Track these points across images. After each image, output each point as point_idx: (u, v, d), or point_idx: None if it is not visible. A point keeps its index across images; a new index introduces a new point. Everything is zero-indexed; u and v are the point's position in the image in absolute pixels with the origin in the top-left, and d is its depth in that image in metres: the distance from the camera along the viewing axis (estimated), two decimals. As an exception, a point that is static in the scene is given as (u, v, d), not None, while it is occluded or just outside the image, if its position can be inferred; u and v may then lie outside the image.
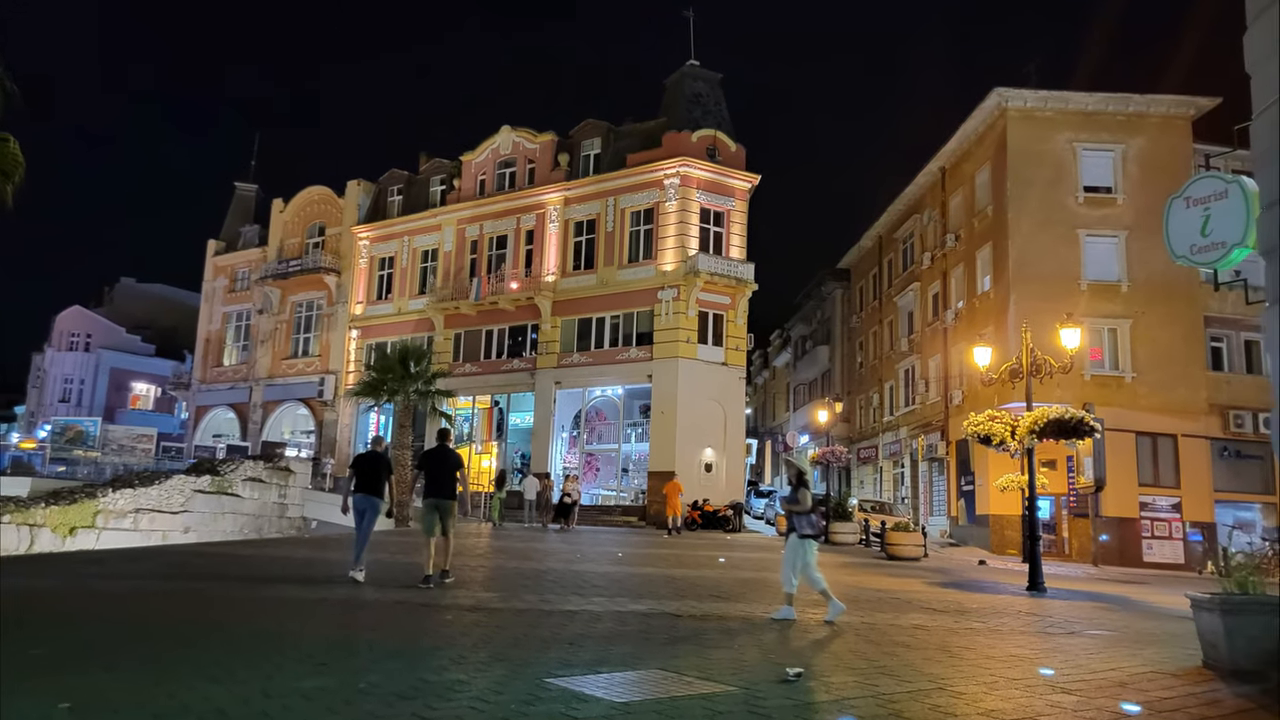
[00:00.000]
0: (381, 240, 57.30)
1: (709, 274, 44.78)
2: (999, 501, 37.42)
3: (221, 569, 18.51)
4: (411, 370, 38.61)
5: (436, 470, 16.71)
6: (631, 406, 48.29)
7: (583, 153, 50.61)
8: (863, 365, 59.91)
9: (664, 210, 46.40)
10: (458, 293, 51.70)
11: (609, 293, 47.30)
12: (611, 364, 46.75)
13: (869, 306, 59.00)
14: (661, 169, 46.59)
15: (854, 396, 60.38)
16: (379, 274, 57.31)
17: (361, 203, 59.03)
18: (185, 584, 16.04)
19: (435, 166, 56.86)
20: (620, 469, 47.95)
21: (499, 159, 53.15)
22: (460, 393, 48.22)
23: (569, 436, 49.92)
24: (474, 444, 50.80)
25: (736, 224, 47.01)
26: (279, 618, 12.70)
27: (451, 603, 14.39)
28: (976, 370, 29.34)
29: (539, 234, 50.39)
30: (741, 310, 46.14)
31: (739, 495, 45.55)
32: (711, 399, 45.15)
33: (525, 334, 50.54)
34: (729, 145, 47.42)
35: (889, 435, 53.38)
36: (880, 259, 56.91)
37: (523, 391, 50.29)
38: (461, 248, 53.23)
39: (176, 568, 18.62)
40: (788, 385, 78.25)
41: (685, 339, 44.92)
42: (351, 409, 55.56)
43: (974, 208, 43.26)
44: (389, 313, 55.78)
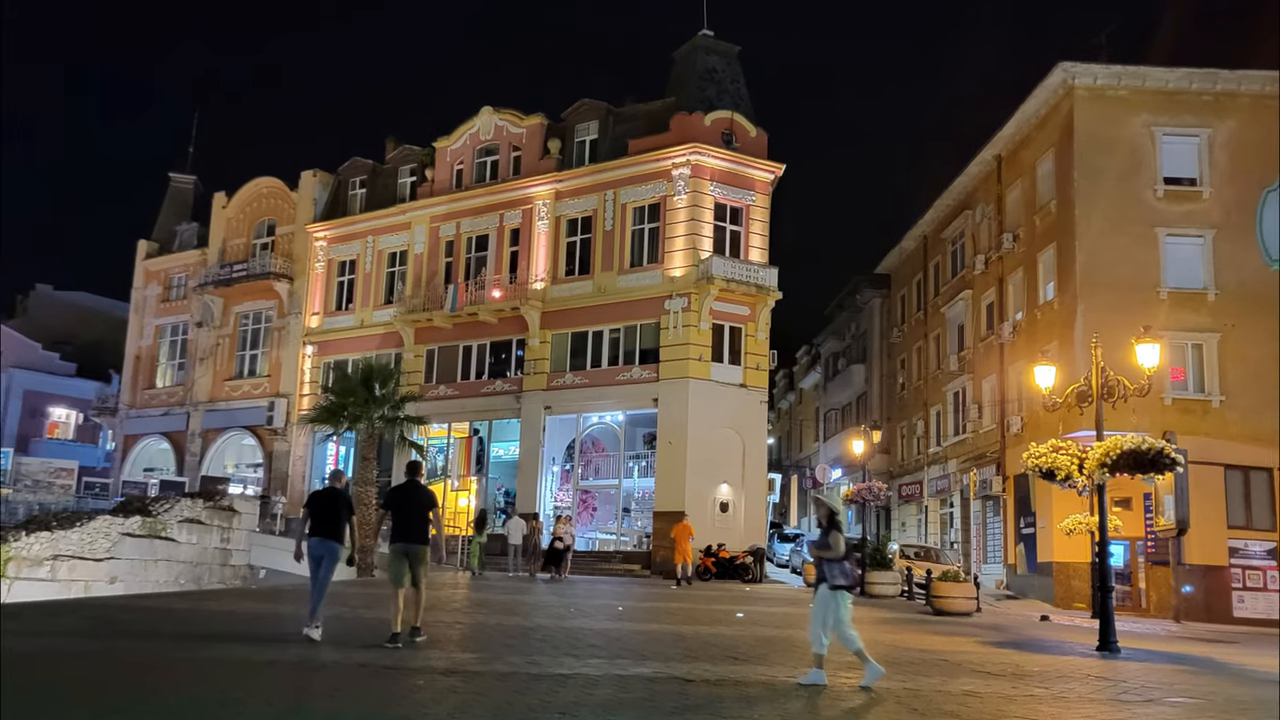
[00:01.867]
0: (341, 241, 57.52)
1: (725, 280, 44.92)
2: (1064, 547, 37.39)
3: (154, 625, 18.53)
4: (376, 393, 38.63)
5: (406, 510, 16.73)
6: (634, 435, 48.33)
7: (576, 138, 50.84)
8: (905, 387, 59.97)
9: (672, 205, 46.57)
10: (430, 302, 51.87)
11: (607, 302, 47.43)
12: (610, 385, 46.84)
13: (912, 318, 59.11)
14: (669, 157, 46.78)
15: (894, 424, 60.42)
16: (338, 280, 57.54)
17: (318, 196, 59.31)
18: (111, 643, 16.05)
19: (404, 154, 57.13)
20: (621, 509, 47.98)
21: (479, 145, 53.38)
22: (434, 419, 48.29)
23: (561, 470, 49.96)
24: (449, 479, 50.84)
25: (757, 222, 47.16)
26: (222, 683, 12.71)
27: (423, 665, 14.39)
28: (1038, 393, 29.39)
29: (525, 233, 50.57)
30: (763, 323, 46.26)
31: (760, 539, 45.55)
32: (728, 427, 45.21)
33: (509, 350, 50.64)
34: (748, 130, 47.62)
35: (935, 469, 53.39)
36: (925, 263, 57.04)
37: (507, 418, 50.36)
38: (435, 249, 53.43)
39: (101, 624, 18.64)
40: (817, 410, 78.24)
41: (697, 356, 45.02)
42: (306, 439, 55.67)
43: (1035, 203, 43.37)
44: (350, 326, 55.96)
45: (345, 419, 38.87)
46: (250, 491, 53.90)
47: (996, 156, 47.39)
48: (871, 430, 46.20)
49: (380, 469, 41.07)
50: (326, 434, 46.59)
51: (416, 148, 56.79)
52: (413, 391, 45.09)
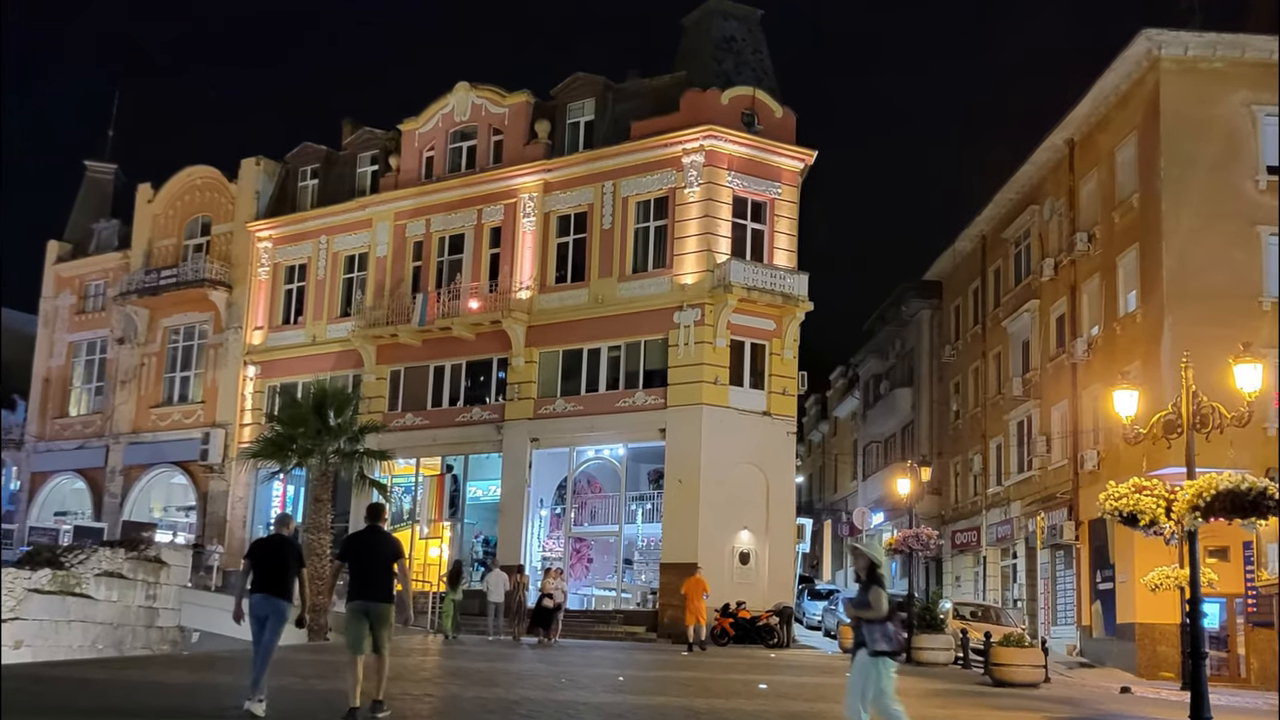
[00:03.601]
0: (290, 241, 57.68)
1: (745, 288, 44.99)
2: (1149, 605, 37.32)
3: (67, 699, 18.54)
4: (331, 422, 38.61)
5: (366, 561, 16.76)
6: (637, 473, 48.34)
7: (569, 119, 50.98)
8: (959, 415, 59.96)
9: (682, 199, 46.68)
10: (395, 315, 51.94)
11: (606, 314, 47.52)
12: (609, 414, 46.87)
13: (968, 334, 59.16)
14: (679, 142, 46.92)
15: (947, 459, 60.41)
16: (286, 288, 57.68)
17: (262, 189, 59.48)
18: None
19: (364, 139, 57.28)
20: (622, 560, 47.95)
21: (453, 128, 53.55)
22: (399, 454, 48.19)
23: (550, 514, 49.95)
24: (418, 525, 50.83)
25: (784, 219, 47.26)
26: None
27: (387, 745, 14.38)
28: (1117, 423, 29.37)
29: (508, 232, 50.70)
30: (790, 339, 46.32)
31: (787, 597, 45.47)
32: (749, 463, 45.23)
33: (489, 372, 50.69)
34: (773, 110, 47.76)
35: (995, 513, 53.36)
36: (983, 268, 57.11)
37: (486, 452, 50.38)
38: (401, 252, 53.55)
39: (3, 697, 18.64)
40: (855, 443, 78.15)
41: (712, 379, 45.08)
42: (248, 477, 55.64)
43: (1114, 196, 43.44)
44: (300, 342, 56.09)
45: (294, 453, 38.80)
46: (181, 540, 53.80)
47: (1068, 142, 47.48)
48: (919, 467, 46.15)
49: (336, 513, 41.00)
50: (272, 471, 46.35)
51: (379, 131, 56.88)
52: (374, 421, 45.04)
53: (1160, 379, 37.28)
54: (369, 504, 17.86)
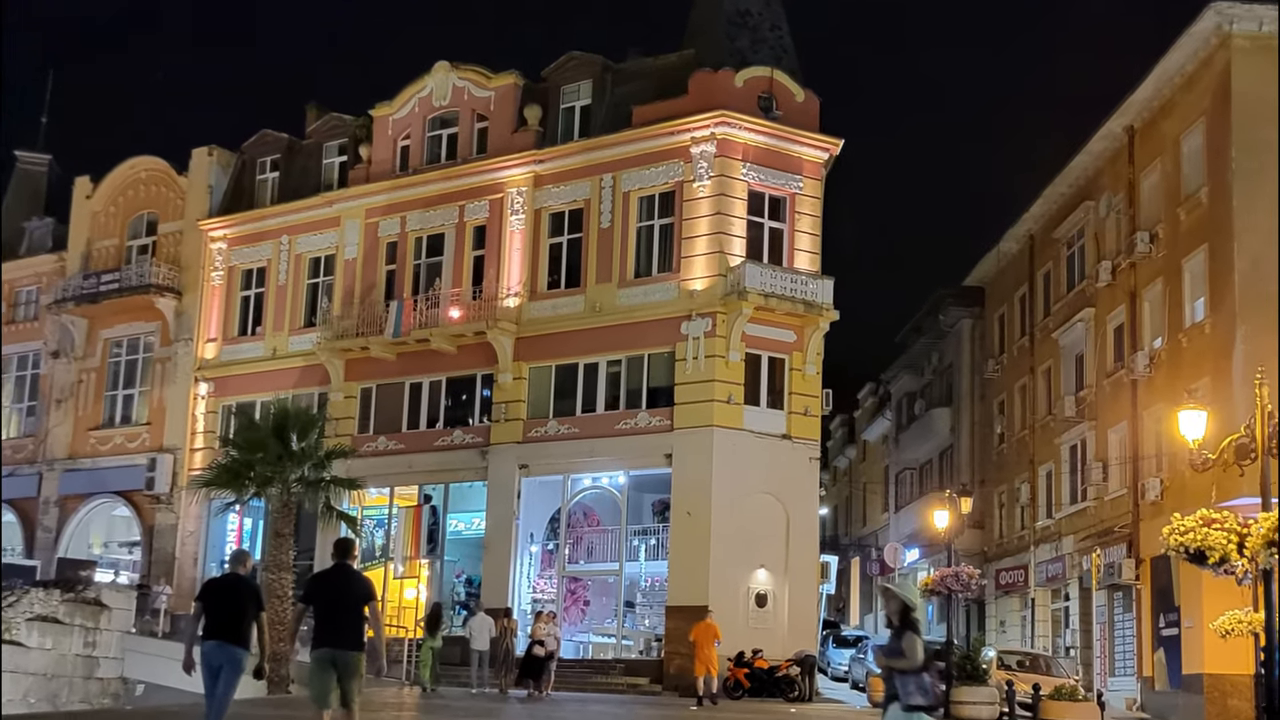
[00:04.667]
0: (247, 241, 57.72)
1: (762, 295, 45.00)
2: (1219, 653, 37.18)
3: (-5, 759, 18.57)
4: (294, 447, 38.57)
5: (333, 604, 16.78)
6: (640, 504, 48.35)
7: (563, 104, 51.04)
8: (1004, 439, 59.91)
9: (691, 194, 46.73)
10: (366, 325, 51.94)
11: (604, 324, 47.54)
12: (608, 437, 46.87)
13: (1014, 346, 59.15)
14: (687, 129, 46.95)
15: (990, 488, 60.38)
16: (242, 295, 57.70)
17: (215, 183, 59.51)
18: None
19: (331, 126, 57.33)
20: (622, 602, 47.94)
21: (431, 114, 53.61)
22: (371, 482, 48.20)
23: (541, 551, 49.97)
24: (392, 563, 50.80)
25: (805, 216, 47.30)
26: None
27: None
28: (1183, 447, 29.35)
29: (494, 232, 50.73)
30: (813, 352, 46.33)
31: (810, 644, 45.42)
32: (766, 492, 45.20)
33: (473, 390, 50.72)
34: (794, 93, 47.81)
35: (1045, 549, 53.32)
36: (1031, 272, 57.12)
37: (469, 480, 50.42)
38: (372, 254, 53.60)
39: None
40: (886, 470, 78.12)
41: (725, 398, 45.09)
42: (199, 508, 55.44)
43: (1179, 191, 43.46)
44: (258, 356, 56.11)
45: (251, 482, 38.78)
46: (124, 579, 53.75)
47: (1128, 129, 47.48)
48: (959, 497, 46.13)
49: (299, 549, 40.99)
50: (227, 502, 46.22)
51: (347, 117, 56.94)
52: (342, 445, 44.99)
53: (1231, 397, 37.27)
54: (336, 539, 17.89)
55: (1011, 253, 59.68)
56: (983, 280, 63.80)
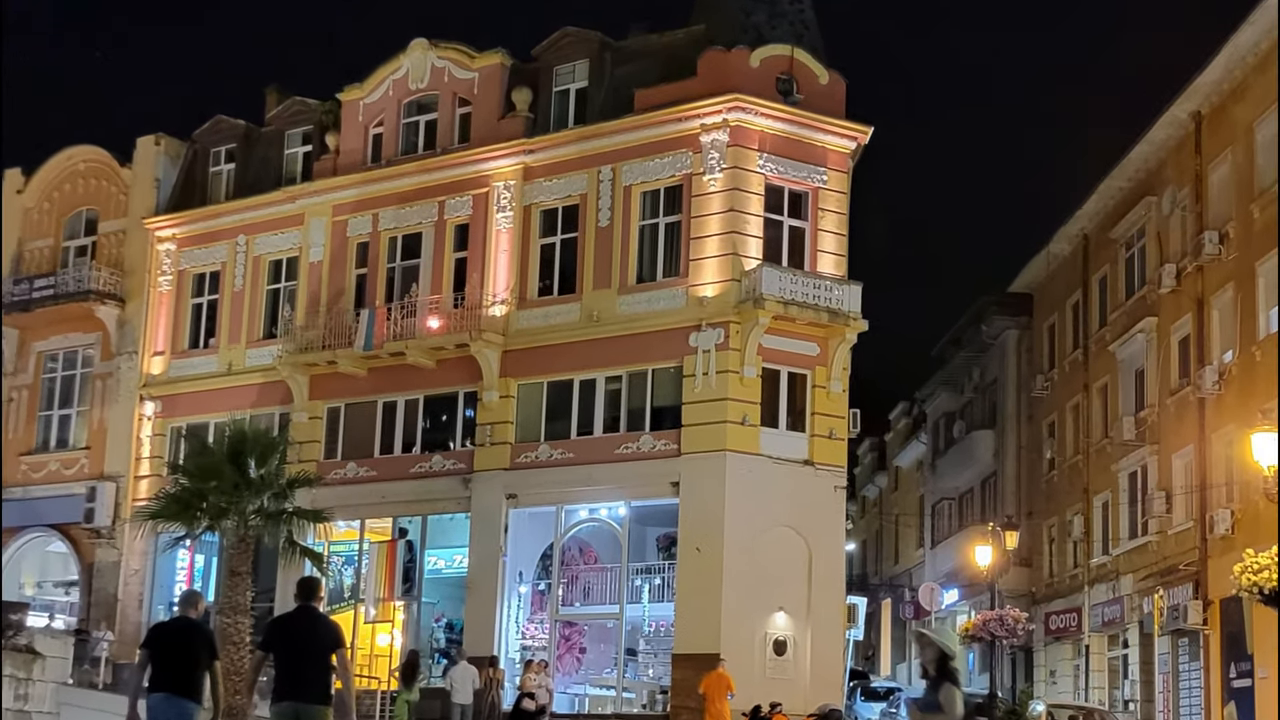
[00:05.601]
0: (199, 242, 57.64)
1: (781, 302, 44.93)
2: (1301, 709, 37.24)
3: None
4: (251, 475, 38.54)
5: (296, 652, 16.70)
6: (643, 538, 48.33)
7: (556, 87, 51.01)
8: (1055, 465, 59.83)
9: (701, 189, 46.68)
10: (334, 337, 51.87)
11: (603, 335, 47.51)
12: (607, 463, 46.81)
13: (1065, 361, 59.12)
14: (697, 115, 46.90)
15: (1039, 521, 60.32)
16: (194, 303, 57.67)
17: (163, 176, 59.41)
18: None
19: (294, 112, 57.28)
20: (623, 650, 47.87)
21: (407, 97, 53.60)
22: (339, 514, 48.23)
23: (532, 591, 49.90)
24: (363, 606, 50.72)
25: (830, 214, 47.28)
26: None
27: None
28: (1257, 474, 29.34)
29: (478, 231, 50.72)
30: (839, 368, 46.28)
31: (835, 696, 45.30)
32: (786, 525, 45.16)
33: (454, 410, 50.72)
34: (816, 74, 47.78)
35: (1101, 590, 53.26)
36: (1085, 277, 57.09)
37: (449, 512, 50.40)
38: (340, 256, 53.58)
39: None
40: (921, 501, 78.04)
41: (740, 419, 45.03)
42: (145, 544, 55.42)
43: (1252, 185, 43.46)
44: (211, 372, 56.04)
45: (204, 514, 38.79)
46: (60, 624, 53.64)
47: (1194, 115, 47.46)
48: (1004, 531, 46.11)
49: (258, 589, 40.96)
50: (176, 537, 46.24)
51: (312, 102, 56.88)
52: (307, 472, 44.96)
53: (1313, 418, 37.22)
54: (300, 579, 17.81)
55: (1063, 255, 59.66)
56: (1030, 286, 63.79)
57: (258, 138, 58.39)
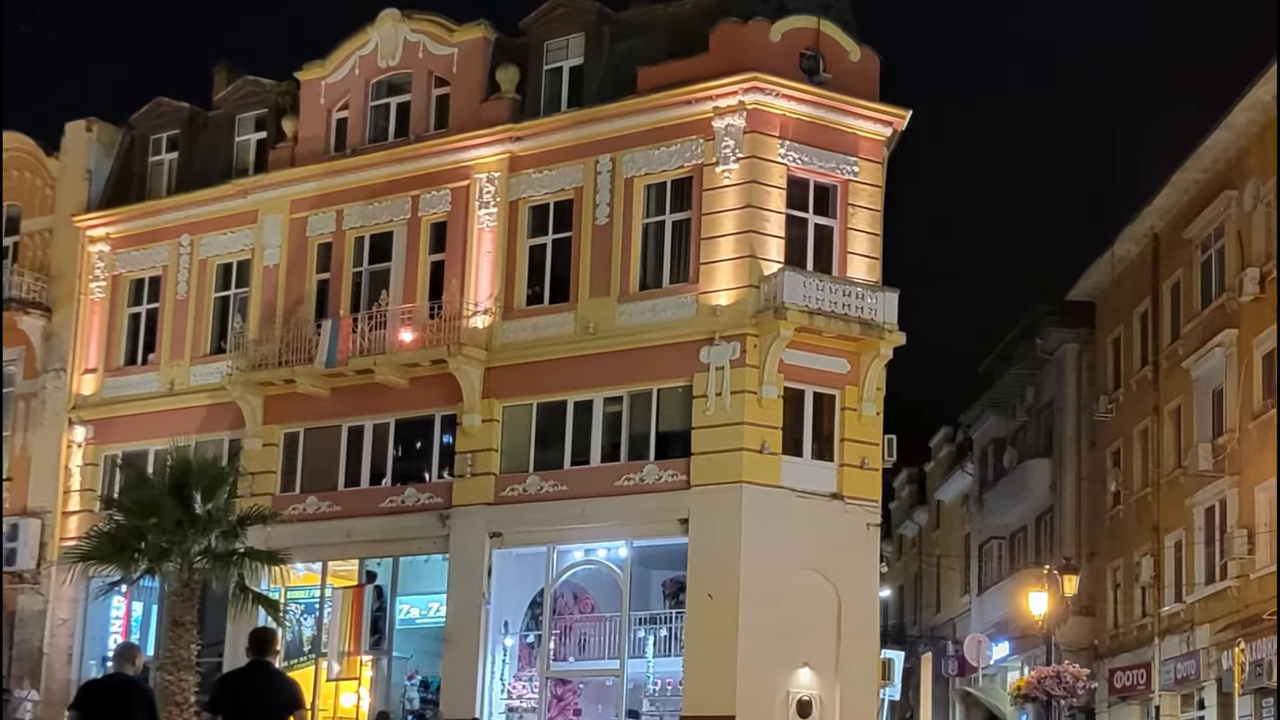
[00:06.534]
0: (137, 243, 57.75)
1: (806, 312, 44.93)
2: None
3: None
4: (197, 511, 38.58)
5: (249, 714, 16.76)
6: (646, 583, 48.39)
7: (547, 65, 51.09)
8: (1120, 499, 59.80)
9: (713, 181, 46.73)
10: (292, 352, 51.87)
11: (601, 350, 47.55)
12: (606, 496, 46.82)
13: (1132, 380, 59.12)
14: (708, 97, 46.94)
15: (1102, 563, 60.35)
16: (131, 312, 57.81)
17: (96, 167, 59.53)
18: None
19: (245, 94, 57.39)
20: (624, 710, 47.90)
21: (376, 77, 53.71)
22: (298, 555, 48.26)
23: (519, 645, 49.90)
24: (325, 661, 50.77)
25: (862, 210, 47.35)
26: None
27: None
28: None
29: (458, 230, 50.80)
30: (872, 387, 46.30)
31: (868, 766, 45.45)
32: (810, 568, 45.17)
33: (430, 436, 50.82)
34: (846, 50, 47.83)
35: (1174, 642, 53.23)
36: (1155, 283, 57.11)
37: (425, 553, 50.45)
38: (300, 259, 53.69)
39: None
40: (966, 540, 78.03)
41: (758, 445, 45.03)
42: (75, 590, 55.50)
43: (1346, 177, 43.50)
44: (151, 392, 56.13)
45: (143, 555, 38.83)
46: (-24, 682, 53.77)
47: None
48: (1062, 575, 46.10)
49: (204, 642, 41.02)
50: (110, 581, 46.32)
51: (267, 82, 57.00)
52: (261, 507, 45.09)
53: None
54: (253, 630, 17.87)
55: (1129, 258, 59.64)
56: (1092, 294, 63.83)
57: (204, 123, 58.43)
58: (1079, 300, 64.70)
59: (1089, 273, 63.00)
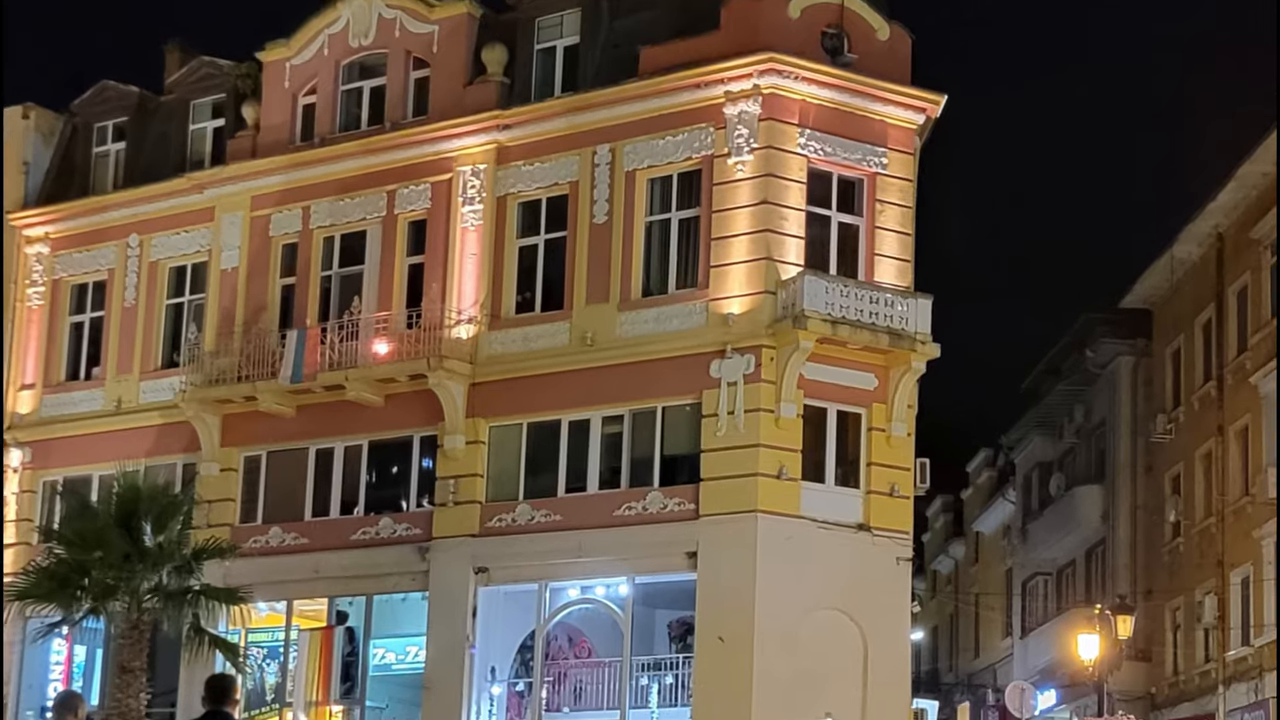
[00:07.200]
0: (80, 243, 57.85)
1: (829, 321, 44.96)
2: None
3: None
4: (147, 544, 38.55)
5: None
6: (650, 624, 48.47)
7: (539, 44, 51.18)
8: (1180, 531, 59.79)
9: (724, 174, 46.81)
10: (253, 366, 51.93)
11: (599, 364, 47.59)
12: (604, 528, 46.84)
13: (1194, 396, 59.16)
14: (720, 79, 47.04)
15: (1160, 602, 60.39)
16: (72, 321, 57.92)
17: (33, 159, 59.56)
18: None
19: (200, 77, 57.50)
20: (625, 768, 47.93)
21: (347, 58, 53.83)
22: (260, 594, 48.28)
23: (508, 693, 49.91)
24: (290, 712, 50.80)
25: (891, 207, 47.43)
26: None
27: None
28: None
29: (438, 230, 50.89)
30: (903, 405, 46.34)
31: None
32: (834, 608, 45.22)
33: (408, 459, 50.93)
34: (873, 28, 47.90)
35: (1240, 691, 53.34)
36: (1219, 288, 57.15)
37: (402, 591, 50.51)
38: (262, 261, 53.73)
39: None
40: (1008, 576, 78.06)
41: (775, 471, 45.06)
42: (11, 632, 55.42)
43: None
44: (96, 410, 56.20)
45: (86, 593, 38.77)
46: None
47: (1357, 80, 47.59)
48: (1115, 615, 46.11)
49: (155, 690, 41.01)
50: (50, 623, 46.33)
51: (225, 63, 57.04)
52: (218, 540, 45.08)
53: None
54: (210, 677, 17.88)
55: (1190, 260, 59.66)
56: (1149, 300, 63.89)
57: (155, 109, 58.51)
58: (1134, 308, 64.74)
59: (1145, 277, 63.04)
